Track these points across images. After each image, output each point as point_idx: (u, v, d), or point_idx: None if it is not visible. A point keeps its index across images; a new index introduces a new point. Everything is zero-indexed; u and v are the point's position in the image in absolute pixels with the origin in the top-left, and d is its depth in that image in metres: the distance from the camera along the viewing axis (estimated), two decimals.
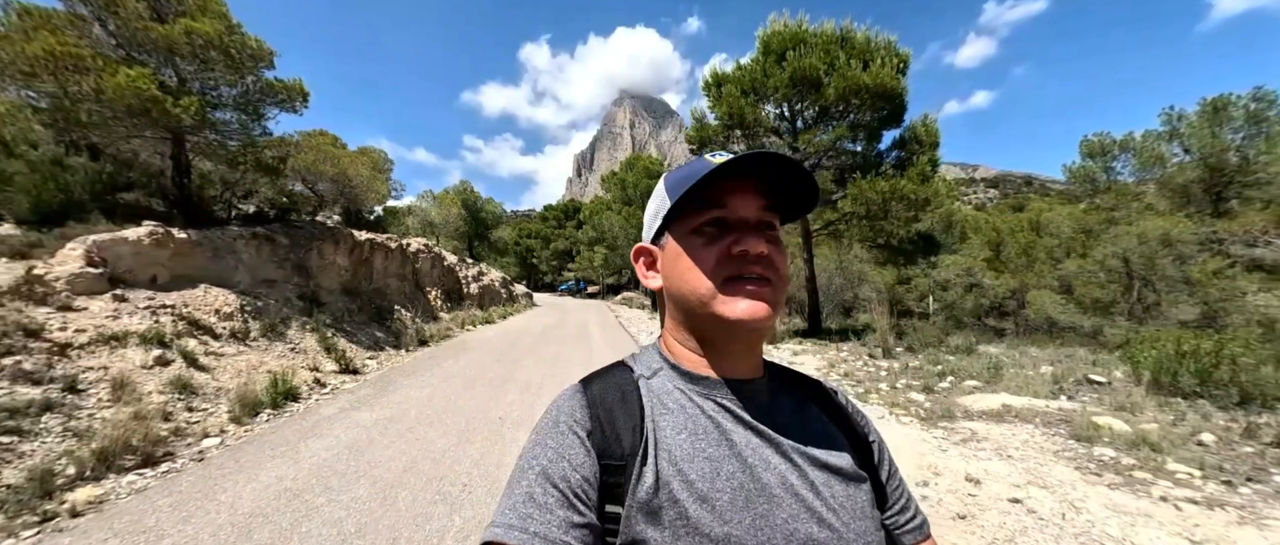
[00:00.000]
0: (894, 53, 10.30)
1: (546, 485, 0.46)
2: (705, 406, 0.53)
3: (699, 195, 0.52)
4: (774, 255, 0.51)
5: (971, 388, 4.87)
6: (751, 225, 0.52)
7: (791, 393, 0.60)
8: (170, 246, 6.32)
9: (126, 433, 3.60)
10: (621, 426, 0.51)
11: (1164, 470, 2.76)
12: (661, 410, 0.53)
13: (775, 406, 0.56)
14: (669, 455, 0.49)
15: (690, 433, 0.51)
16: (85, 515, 2.87)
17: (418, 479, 3.31)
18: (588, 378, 0.58)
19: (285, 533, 2.63)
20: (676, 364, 0.57)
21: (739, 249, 0.50)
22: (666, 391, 0.55)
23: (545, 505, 0.45)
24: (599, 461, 0.49)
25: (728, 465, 0.49)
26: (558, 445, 0.49)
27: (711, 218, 0.52)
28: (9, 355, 3.98)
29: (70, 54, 5.95)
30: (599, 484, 0.48)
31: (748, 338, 0.54)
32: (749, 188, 0.52)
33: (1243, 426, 3.20)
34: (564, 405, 0.54)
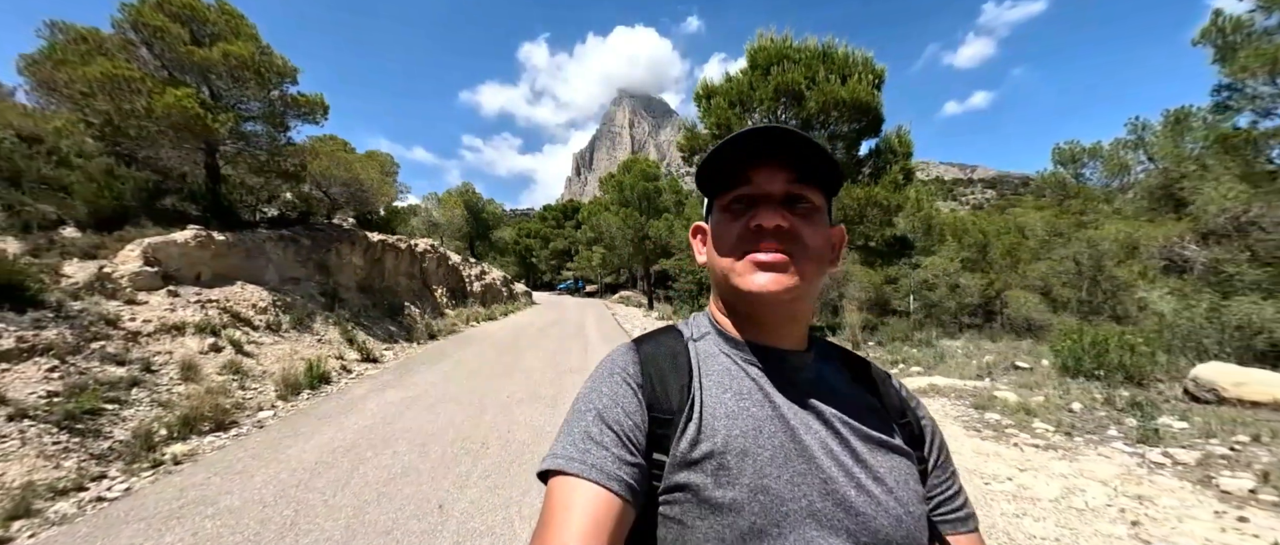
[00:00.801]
0: (870, 69, 11.08)
1: (602, 426, 0.49)
2: (750, 371, 0.54)
3: (732, 173, 0.53)
4: (798, 227, 0.51)
5: (915, 372, 5.65)
6: (774, 199, 0.52)
7: (839, 369, 0.60)
8: (211, 248, 7.07)
9: (201, 404, 4.37)
10: (671, 383, 0.53)
11: (1029, 427, 3.52)
12: (708, 371, 0.55)
13: (821, 378, 0.57)
14: (713, 412, 0.51)
15: (735, 393, 0.53)
16: (184, 464, 3.63)
17: (444, 440, 4.07)
18: (640, 337, 0.61)
19: (347, 473, 3.39)
20: (722, 330, 0.59)
21: (755, 223, 0.51)
22: (713, 354, 0.56)
23: (601, 442, 0.48)
24: (649, 413, 0.51)
25: (770, 425, 0.50)
26: (613, 392, 0.52)
27: (738, 194, 0.54)
28: (97, 340, 4.74)
29: (125, 77, 6.70)
30: (647, 433, 0.50)
31: (769, 310, 0.54)
32: (774, 163, 0.52)
33: (1105, 397, 3.97)
34: (619, 359, 0.56)
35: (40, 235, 5.88)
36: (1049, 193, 16.08)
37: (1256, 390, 3.64)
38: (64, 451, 3.42)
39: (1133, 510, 2.35)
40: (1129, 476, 2.71)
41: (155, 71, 7.50)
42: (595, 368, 0.57)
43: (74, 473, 3.25)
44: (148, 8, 7.41)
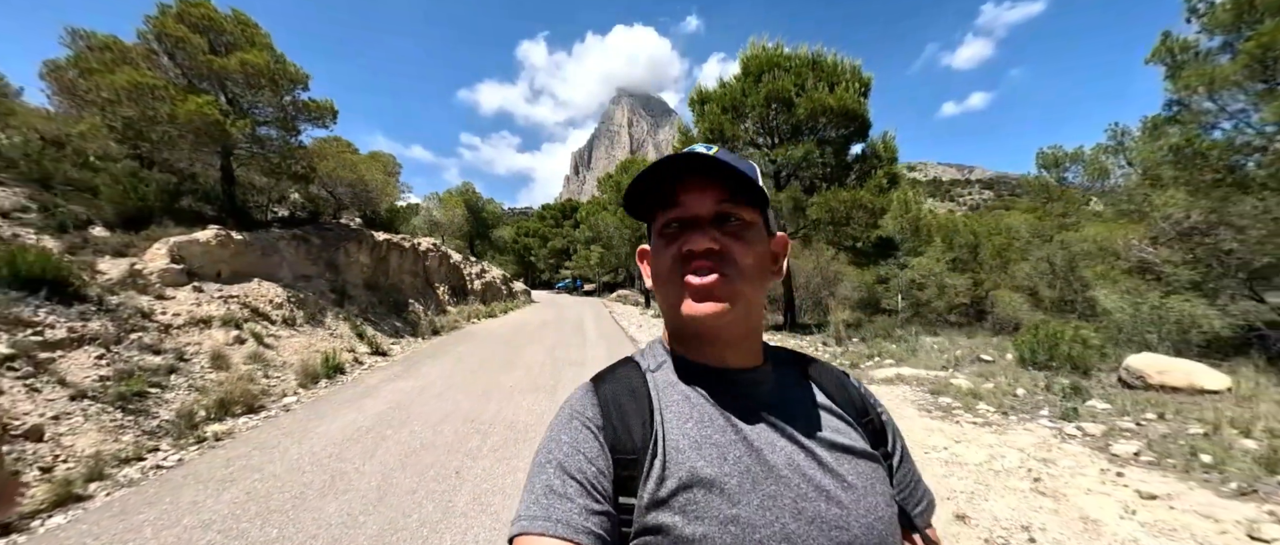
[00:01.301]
0: (858, 77, 11.56)
1: (564, 477, 0.48)
2: (706, 395, 0.54)
3: (661, 196, 0.53)
4: (730, 247, 0.50)
5: (887, 364, 6.12)
6: (704, 221, 0.51)
7: (797, 377, 0.60)
8: (230, 247, 7.49)
9: (233, 390, 4.82)
10: (632, 421, 0.52)
11: (974, 409, 3.99)
12: (668, 401, 0.54)
13: (781, 391, 0.56)
14: (676, 445, 0.50)
15: (696, 421, 0.52)
16: (223, 441, 4.08)
17: (454, 421, 4.52)
18: (598, 376, 0.59)
19: (371, 448, 3.84)
20: (680, 356, 0.57)
21: (686, 247, 0.50)
22: (672, 383, 0.55)
23: (565, 494, 0.47)
24: (612, 456, 0.50)
25: (734, 450, 0.49)
26: (572, 440, 0.51)
27: (671, 217, 0.53)
28: (134, 331, 5.17)
29: (150, 85, 7.11)
30: (613, 477, 0.49)
31: (710, 335, 0.53)
32: (702, 183, 0.51)
33: (1046, 384, 4.44)
34: (576, 403, 0.55)
35: (75, 234, 6.30)
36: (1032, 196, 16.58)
37: (1175, 377, 4.11)
38: (120, 428, 3.86)
39: (1037, 470, 2.82)
40: (1043, 445, 3.18)
41: (176, 79, 7.91)
42: (555, 414, 0.56)
43: (132, 446, 3.70)
44: (170, 19, 7.83)
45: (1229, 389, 3.96)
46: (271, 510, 2.83)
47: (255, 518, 2.74)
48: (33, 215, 6.44)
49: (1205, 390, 3.97)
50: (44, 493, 2.93)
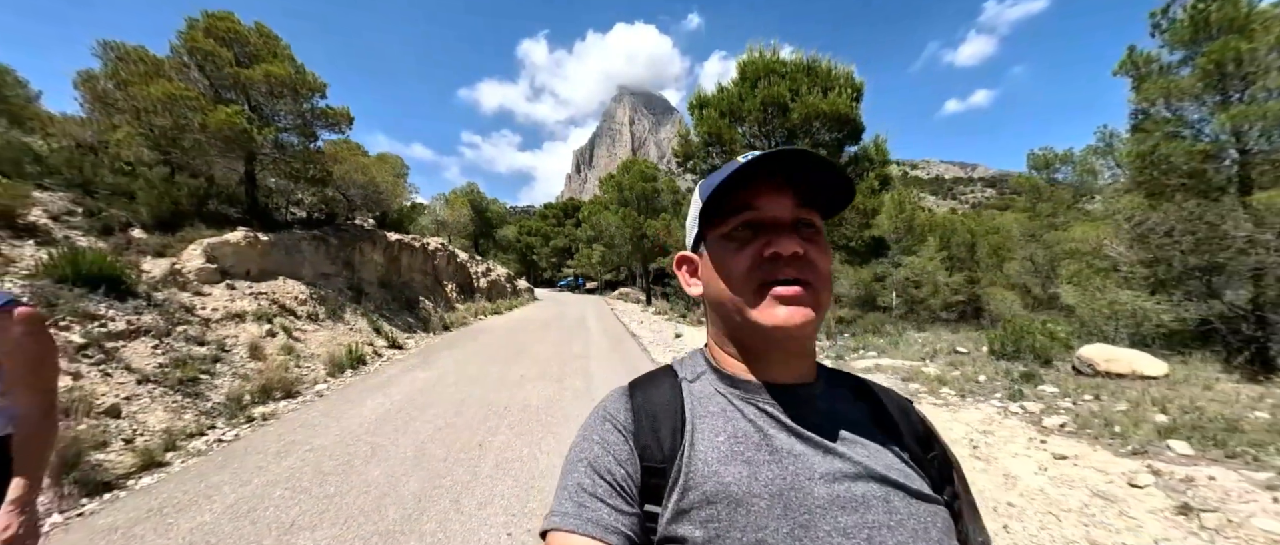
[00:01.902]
0: (850, 83, 11.98)
1: (595, 477, 0.48)
2: (746, 410, 0.51)
3: (730, 199, 0.51)
4: (813, 254, 0.49)
5: (870, 356, 6.60)
6: (785, 225, 0.49)
7: (853, 401, 0.56)
8: (257, 247, 8.01)
9: (272, 377, 5.33)
10: (663, 429, 0.51)
11: (938, 393, 4.46)
12: (702, 414, 0.52)
13: (831, 412, 0.52)
14: (705, 457, 0.48)
15: (729, 436, 0.49)
16: (270, 420, 4.59)
17: (473, 405, 5.02)
18: (635, 381, 0.59)
19: (402, 426, 4.35)
20: (719, 368, 0.56)
21: (771, 251, 0.48)
22: (709, 395, 0.54)
23: (596, 494, 0.47)
24: (641, 462, 0.49)
25: (767, 470, 0.47)
26: (603, 440, 0.51)
27: (744, 220, 0.50)
28: (180, 324, 5.68)
29: (182, 96, 7.63)
30: (640, 483, 0.49)
31: (787, 345, 0.51)
32: (780, 186, 0.50)
33: (1006, 372, 4.91)
34: (610, 407, 0.55)
35: (119, 236, 6.83)
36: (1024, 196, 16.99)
37: (1120, 365, 4.57)
38: (181, 408, 4.38)
39: (977, 440, 3.29)
40: (987, 421, 3.65)
41: (205, 90, 8.43)
42: (589, 414, 0.56)
43: (193, 423, 4.21)
44: (199, 32, 8.34)
45: (1166, 375, 4.42)
46: (325, 473, 3.34)
47: (313, 479, 3.25)
48: (79, 218, 6.97)
49: (1145, 376, 4.43)
50: (131, 460, 3.45)
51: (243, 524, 2.66)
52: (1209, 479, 2.46)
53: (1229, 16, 5.65)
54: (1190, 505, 2.25)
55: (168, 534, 2.58)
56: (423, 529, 2.61)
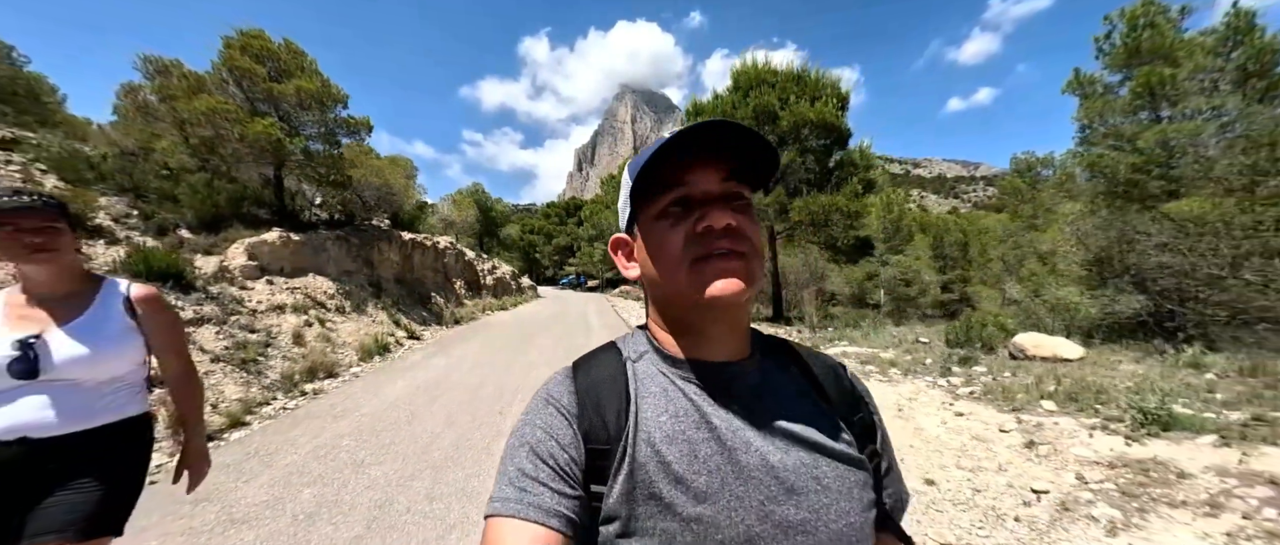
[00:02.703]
0: (836, 92, 12.75)
1: (537, 461, 0.49)
2: (686, 389, 0.53)
3: (660, 178, 0.51)
4: (744, 225, 0.49)
5: (840, 344, 7.39)
6: (716, 198, 0.50)
7: (785, 371, 0.57)
8: (289, 246, 8.84)
9: (316, 360, 6.15)
10: (607, 410, 0.52)
11: (887, 372, 5.23)
12: (645, 393, 0.53)
13: (764, 386, 0.54)
14: (648, 437, 0.49)
15: (671, 414, 0.51)
16: (319, 395, 5.41)
17: (489, 387, 5.83)
18: (578, 361, 0.59)
19: (430, 400, 5.16)
20: (661, 348, 0.56)
21: (703, 225, 0.48)
22: (651, 375, 0.55)
23: (537, 478, 0.48)
24: (585, 444, 0.50)
25: (705, 447, 0.49)
26: (546, 424, 0.51)
27: (675, 197, 0.50)
28: (233, 314, 6.51)
29: (224, 110, 8.45)
30: (584, 465, 0.49)
31: (726, 317, 0.52)
32: (709, 162, 0.50)
33: (948, 355, 5.69)
34: (553, 389, 0.55)
35: (173, 236, 7.66)
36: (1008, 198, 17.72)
37: (1044, 350, 5.33)
38: (247, 383, 5.20)
39: (903, 405, 4.06)
40: (917, 392, 4.43)
41: (242, 103, 9.25)
42: (531, 397, 0.56)
43: (259, 395, 5.04)
44: (236, 51, 9.15)
45: (1082, 357, 5.19)
46: (378, 429, 4.15)
47: (369, 434, 4.06)
48: (135, 220, 7.81)
49: (1064, 358, 5.20)
50: (221, 420, 4.26)
51: (325, 461, 3.48)
52: (1054, 424, 3.23)
53: (1157, 45, 6.39)
54: (1034, 441, 3.02)
55: (270, 466, 3.40)
56: (462, 464, 3.42)
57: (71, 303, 1.28)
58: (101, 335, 1.25)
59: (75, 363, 1.21)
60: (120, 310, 1.31)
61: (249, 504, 2.87)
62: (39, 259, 1.22)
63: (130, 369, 1.32)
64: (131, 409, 1.32)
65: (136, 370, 1.34)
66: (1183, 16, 6.38)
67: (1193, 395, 3.51)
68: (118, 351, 1.28)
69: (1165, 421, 2.90)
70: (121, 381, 1.30)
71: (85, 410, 1.23)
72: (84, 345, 1.22)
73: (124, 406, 1.31)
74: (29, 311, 1.25)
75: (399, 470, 3.33)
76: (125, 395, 1.32)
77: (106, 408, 1.27)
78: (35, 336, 1.19)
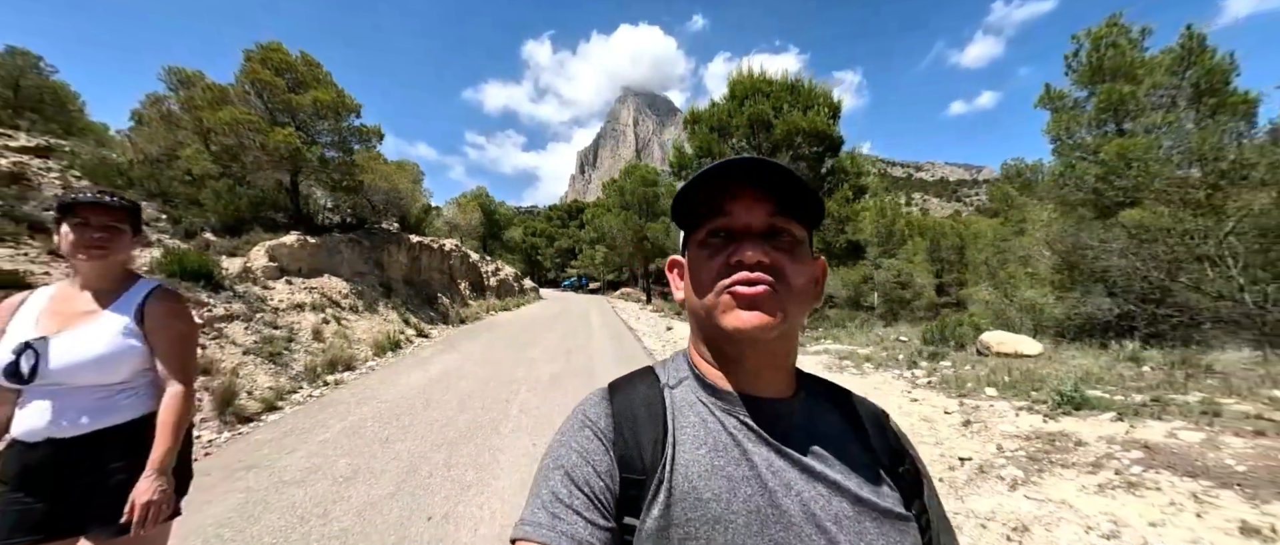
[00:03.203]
0: (828, 102, 13.24)
1: (572, 487, 0.48)
2: (727, 422, 0.51)
3: (708, 205, 0.51)
4: (781, 262, 0.49)
5: (826, 341, 7.85)
6: (755, 233, 0.50)
7: (830, 414, 0.56)
8: (306, 249, 9.35)
9: (335, 354, 6.65)
10: (644, 437, 0.51)
11: (861, 367, 5.69)
12: (682, 423, 0.52)
13: (808, 428, 0.53)
14: (685, 471, 0.48)
15: (710, 448, 0.50)
16: (340, 386, 5.90)
17: (496, 378, 6.32)
18: (614, 384, 0.58)
19: (444, 390, 5.64)
20: (701, 375, 0.55)
21: (736, 258, 0.48)
22: (690, 403, 0.53)
23: (571, 506, 0.46)
24: (620, 472, 0.49)
25: (745, 487, 0.47)
26: (582, 448, 0.50)
27: (715, 227, 0.51)
28: (258, 312, 7.02)
29: (249, 120, 8.99)
30: (619, 495, 0.48)
31: (751, 349, 0.51)
32: (752, 194, 0.50)
33: (921, 351, 6.14)
34: (590, 411, 0.54)
35: (200, 239, 8.18)
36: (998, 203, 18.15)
37: (1006, 346, 5.78)
38: (277, 373, 5.70)
39: (868, 392, 4.53)
40: (883, 382, 4.89)
41: (262, 113, 9.80)
42: (567, 417, 0.56)
43: (288, 384, 5.53)
44: (257, 64, 9.71)
45: (1040, 353, 5.65)
46: (398, 413, 4.64)
47: (390, 417, 4.55)
48: (164, 224, 8.34)
49: (1024, 354, 5.65)
50: (256, 405, 4.76)
51: (354, 438, 3.97)
52: (991, 407, 3.68)
53: (1118, 63, 6.87)
54: (970, 421, 3.47)
55: (307, 441, 3.89)
56: (475, 441, 3.90)
57: (101, 301, 1.28)
58: (100, 340, 1.23)
59: (71, 369, 1.19)
60: (130, 315, 1.28)
61: (295, 470, 3.37)
62: (92, 255, 1.23)
63: (132, 374, 1.28)
64: (144, 409, 1.30)
65: (143, 374, 1.31)
66: (1143, 37, 6.85)
67: (1119, 383, 3.95)
68: (116, 357, 1.24)
69: (1078, 403, 3.36)
70: (127, 386, 1.28)
71: (103, 409, 1.23)
72: (81, 351, 1.20)
73: (136, 408, 1.29)
74: (64, 307, 1.26)
75: (419, 445, 3.82)
76: (145, 394, 1.31)
77: (127, 406, 1.27)
78: (41, 339, 1.19)
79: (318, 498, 2.96)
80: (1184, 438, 2.82)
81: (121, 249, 1.29)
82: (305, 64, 10.56)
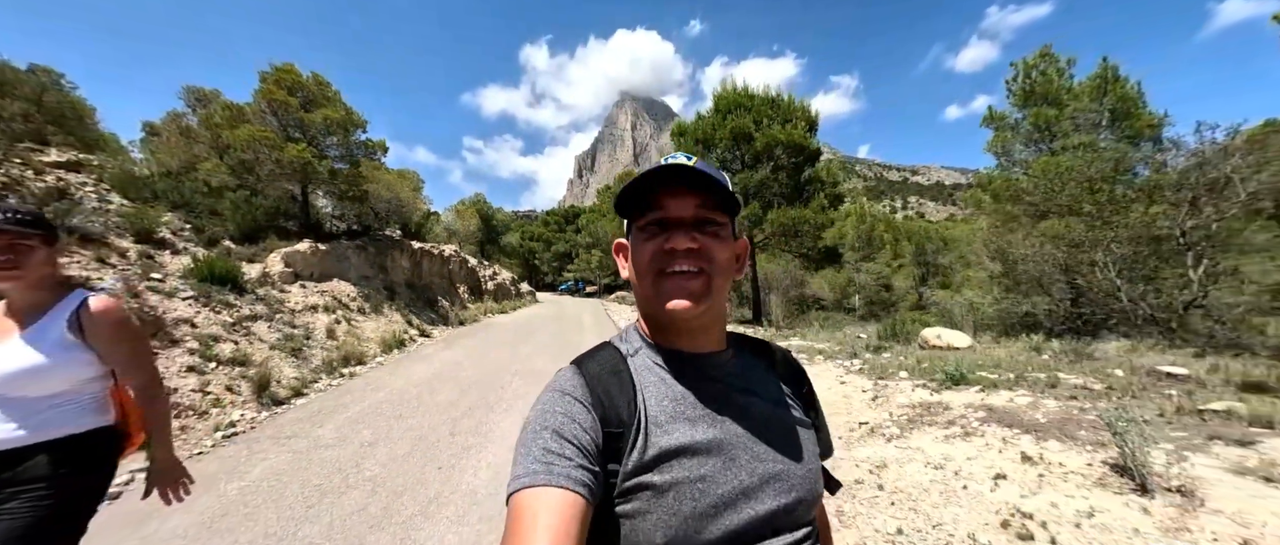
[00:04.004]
0: (805, 116, 14.13)
1: (561, 440, 0.55)
2: (680, 378, 0.64)
3: (648, 198, 0.62)
4: (708, 246, 0.60)
5: (791, 338, 8.65)
6: (686, 223, 0.60)
7: (753, 359, 0.72)
8: (318, 255, 10.13)
9: (348, 350, 7.42)
10: (618, 399, 0.61)
11: (814, 358, 6.48)
12: (646, 382, 0.63)
13: (739, 371, 0.67)
14: (656, 420, 0.60)
15: (671, 399, 0.62)
16: (353, 377, 6.67)
17: (494, 370, 7.09)
18: (580, 358, 0.67)
19: (447, 379, 6.42)
20: (654, 342, 0.67)
21: (668, 245, 0.59)
22: (648, 366, 0.65)
23: (562, 455, 0.54)
24: (603, 428, 0.58)
25: (703, 423, 0.60)
26: (566, 410, 0.58)
27: (653, 218, 0.61)
28: (277, 313, 7.79)
29: (265, 137, 9.78)
30: (602, 447, 0.57)
31: (682, 325, 0.63)
32: (684, 191, 0.60)
33: (868, 345, 6.94)
34: (564, 382, 0.63)
35: (222, 247, 8.95)
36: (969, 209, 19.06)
37: (942, 341, 6.59)
38: (298, 366, 6.47)
39: None
40: (824, 370, 5.69)
41: (277, 130, 10.59)
42: (542, 392, 0.63)
43: (309, 375, 6.30)
44: (272, 84, 10.51)
45: (970, 346, 6.46)
46: (407, 398, 5.42)
47: (401, 400, 5.33)
48: (189, 233, 9.10)
49: (955, 347, 6.46)
50: (284, 392, 5.53)
51: (372, 416, 4.74)
52: (898, 386, 4.47)
53: (1046, 90, 7.74)
54: (877, 397, 4.26)
55: (333, 418, 4.67)
56: (474, 416, 4.69)
57: (31, 315, 1.27)
58: (30, 353, 1.22)
59: (3, 381, 1.19)
60: (63, 326, 1.27)
61: (328, 438, 4.14)
62: (3, 277, 1.21)
63: (71, 386, 1.28)
64: (82, 424, 1.28)
65: (83, 386, 1.31)
66: (1069, 67, 7.71)
67: (1013, 367, 4.76)
68: (48, 369, 1.23)
69: (958, 380, 4.16)
70: (64, 398, 1.27)
71: (24, 424, 1.21)
72: (11, 363, 1.20)
73: (71, 422, 1.27)
74: None
75: (427, 420, 4.60)
76: (73, 411, 1.28)
77: (49, 423, 1.24)
78: None
79: (349, 456, 3.74)
80: (1018, 402, 3.62)
81: (34, 265, 1.26)
82: (316, 84, 11.37)
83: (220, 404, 4.78)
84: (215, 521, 2.79)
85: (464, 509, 2.94)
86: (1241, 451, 2.54)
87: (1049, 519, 2.28)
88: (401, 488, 3.20)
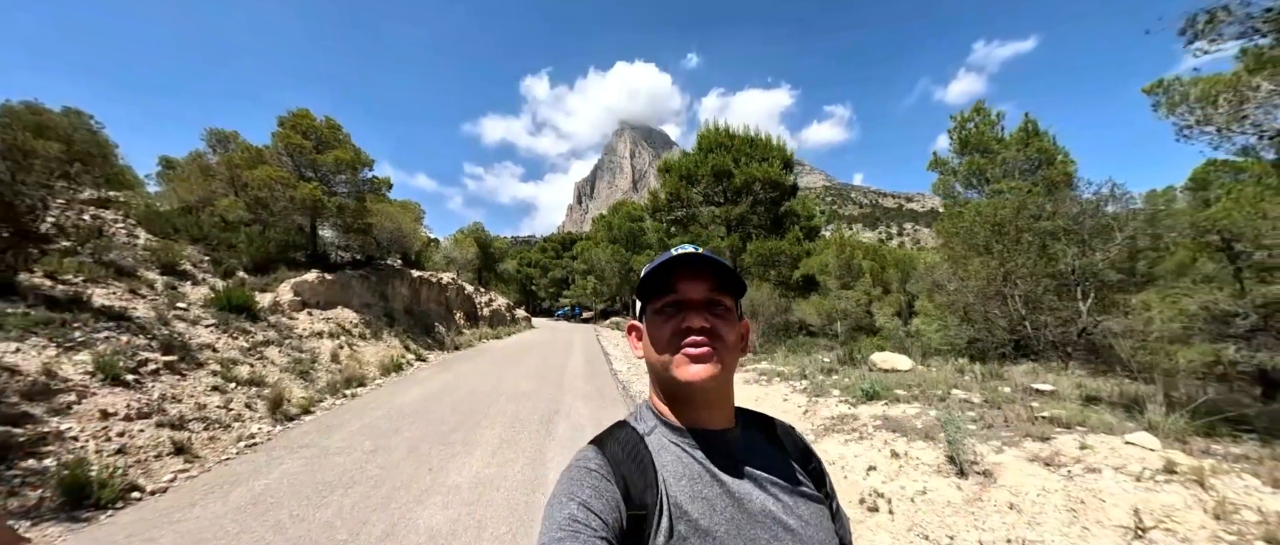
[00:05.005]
0: (782, 154, 15.24)
1: (588, 512, 0.58)
2: (696, 455, 0.67)
3: (662, 282, 0.68)
4: (719, 326, 0.65)
5: (764, 362, 9.38)
6: (699, 304, 0.66)
7: (760, 435, 0.75)
8: (324, 284, 10.92)
9: (351, 372, 8.13)
10: (639, 480, 0.64)
11: (772, 380, 7.20)
12: (663, 462, 0.66)
13: (749, 449, 0.71)
14: (675, 501, 0.62)
15: (689, 479, 0.65)
16: (356, 398, 7.36)
17: (484, 390, 7.78)
18: (599, 438, 0.71)
19: (440, 399, 7.11)
20: (666, 420, 0.70)
21: (685, 324, 0.64)
22: (664, 445, 0.68)
23: (588, 525, 0.56)
24: (626, 509, 0.61)
25: (721, 502, 0.63)
26: (593, 486, 0.61)
27: (668, 300, 0.67)
28: (287, 339, 8.51)
29: (281, 177, 10.73)
30: (624, 527, 0.60)
31: (700, 395, 0.67)
32: (696, 275, 0.67)
33: (823, 367, 7.67)
34: (588, 460, 0.66)
35: (237, 278, 9.75)
36: None
37: (887, 364, 7.31)
38: (306, 386, 7.17)
39: (759, 395, 6.02)
40: (774, 390, 6.41)
41: (291, 170, 11.57)
42: (566, 470, 0.66)
43: (315, 395, 6.99)
44: (288, 129, 11.55)
45: (912, 368, 7.20)
46: (404, 415, 6.11)
47: (398, 417, 6.02)
48: (207, 265, 9.92)
49: (899, 370, 7.20)
50: (295, 409, 6.22)
51: (373, 430, 5.44)
52: (828, 402, 5.19)
53: (980, 140, 8.75)
54: (808, 410, 4.97)
55: (340, 431, 5.36)
56: (462, 430, 5.39)
57: None
58: None
59: None
60: None
61: (335, 447, 4.84)
62: None
63: None
64: None
65: None
66: (999, 120, 8.75)
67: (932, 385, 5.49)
68: None
69: (872, 396, 4.89)
70: None
71: None
72: None
73: None
74: None
75: (421, 433, 5.30)
76: None
77: None
78: None
79: (354, 460, 4.44)
80: (908, 413, 4.35)
81: None
82: (329, 127, 12.43)
83: (241, 419, 5.48)
84: (247, 508, 3.49)
85: (450, 499, 3.64)
86: (1038, 445, 3.26)
87: (894, 496, 3.01)
88: (399, 484, 3.90)
